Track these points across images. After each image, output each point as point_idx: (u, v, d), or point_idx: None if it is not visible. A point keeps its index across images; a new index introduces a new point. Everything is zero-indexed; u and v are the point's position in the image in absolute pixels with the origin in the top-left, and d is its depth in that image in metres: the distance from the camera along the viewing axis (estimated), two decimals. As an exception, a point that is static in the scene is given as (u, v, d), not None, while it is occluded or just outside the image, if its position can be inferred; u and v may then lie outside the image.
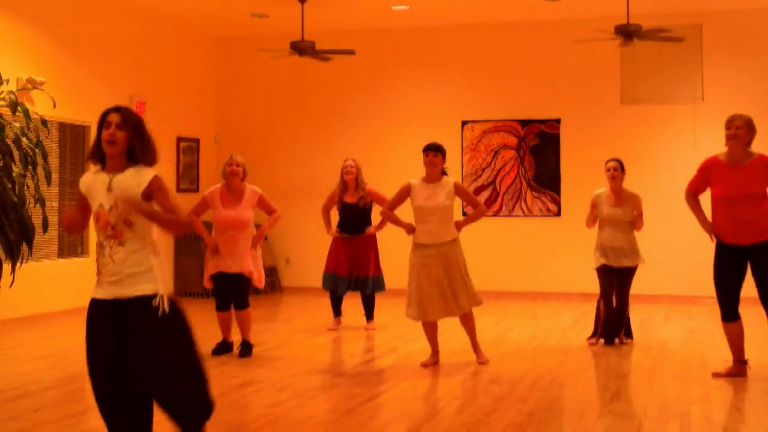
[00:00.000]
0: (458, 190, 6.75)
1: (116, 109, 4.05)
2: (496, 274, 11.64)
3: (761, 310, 6.17)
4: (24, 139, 6.51)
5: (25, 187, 6.45)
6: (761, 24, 11.05)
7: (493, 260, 11.68)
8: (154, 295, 3.92)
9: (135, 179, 3.96)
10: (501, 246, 11.74)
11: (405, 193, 6.82)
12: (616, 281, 7.70)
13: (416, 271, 6.66)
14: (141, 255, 3.97)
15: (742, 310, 6.42)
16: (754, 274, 6.19)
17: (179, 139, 12.04)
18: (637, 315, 9.36)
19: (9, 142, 6.42)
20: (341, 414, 5.32)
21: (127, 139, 3.98)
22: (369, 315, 8.78)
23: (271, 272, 12.44)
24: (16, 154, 6.47)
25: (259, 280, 7.31)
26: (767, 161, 6.06)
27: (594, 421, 5.09)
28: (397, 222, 6.91)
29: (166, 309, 3.92)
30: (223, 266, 7.19)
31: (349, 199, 8.63)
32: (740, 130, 6.05)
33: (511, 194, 11.80)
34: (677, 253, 10.97)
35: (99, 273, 4.00)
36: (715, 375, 6.33)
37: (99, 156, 4.05)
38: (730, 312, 6.25)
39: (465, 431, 4.87)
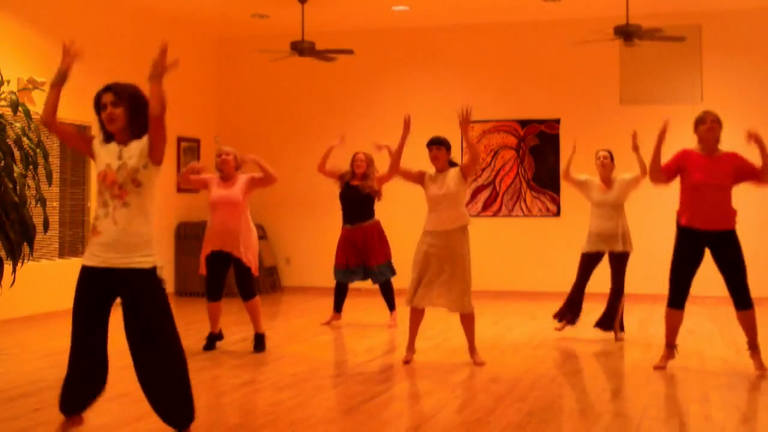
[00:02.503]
0: (463, 169, 6.80)
1: (107, 88, 4.16)
2: (495, 273, 11.66)
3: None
4: (25, 139, 6.52)
5: (26, 187, 6.47)
6: (761, 24, 11.06)
7: (493, 260, 11.70)
8: (154, 269, 4.03)
9: (140, 143, 4.14)
10: (500, 246, 11.76)
11: (419, 175, 6.88)
12: (611, 267, 7.87)
13: (420, 259, 6.71)
14: (142, 222, 4.06)
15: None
16: (718, 263, 6.37)
17: (179, 139, 12.05)
18: (636, 314, 9.38)
19: (10, 142, 6.43)
20: (341, 413, 5.33)
21: (125, 112, 4.08)
22: (390, 305, 8.78)
23: (272, 272, 12.46)
24: (17, 154, 6.49)
25: (253, 266, 7.25)
26: (738, 156, 6.40)
27: (593, 420, 5.10)
28: (400, 146, 6.90)
29: (164, 280, 4.08)
30: (215, 245, 7.19)
31: (355, 182, 8.68)
32: (715, 123, 6.41)
33: (511, 194, 11.81)
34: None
35: (96, 233, 4.05)
36: (657, 367, 6.46)
37: (106, 135, 4.16)
38: (679, 300, 6.42)
39: (465, 430, 4.88)
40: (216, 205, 7.24)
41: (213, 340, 7.42)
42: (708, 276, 11.16)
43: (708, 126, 6.39)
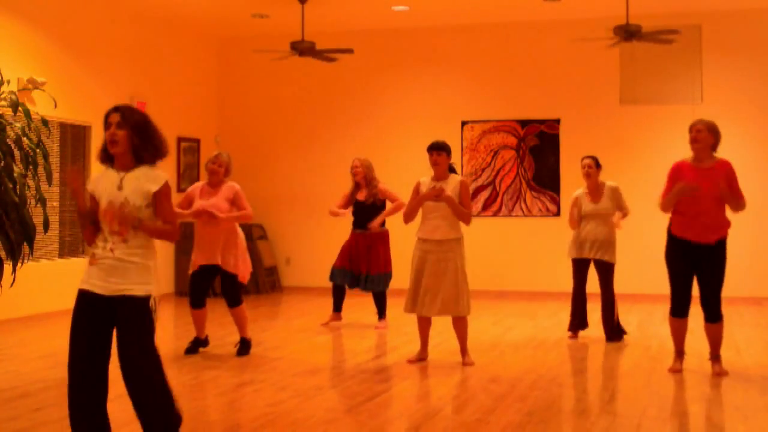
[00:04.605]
0: (461, 188, 6.71)
1: (116, 109, 4.12)
2: (495, 273, 11.66)
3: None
4: (25, 139, 6.52)
5: (26, 187, 6.46)
6: (761, 24, 11.06)
7: (493, 260, 11.70)
8: (148, 297, 4.03)
9: (148, 180, 4.06)
10: (501, 246, 11.76)
11: (417, 191, 6.80)
12: (598, 277, 7.89)
13: (416, 265, 6.69)
14: (140, 253, 4.05)
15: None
16: (699, 273, 6.27)
17: (180, 139, 12.05)
18: (636, 314, 9.38)
19: (10, 142, 6.43)
20: (341, 413, 5.33)
21: (128, 137, 4.04)
22: (381, 313, 8.79)
23: (272, 272, 12.46)
24: (17, 154, 6.48)
25: (243, 275, 7.19)
26: (729, 166, 6.25)
27: (593, 420, 5.10)
28: (419, 202, 6.67)
29: (157, 313, 4.07)
30: (201, 260, 7.14)
31: (360, 197, 8.71)
32: (701, 133, 6.24)
33: (511, 194, 11.81)
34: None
35: (94, 259, 4.05)
36: (673, 371, 6.41)
37: (107, 156, 4.13)
38: (680, 309, 6.35)
39: (464, 431, 4.88)
40: (196, 216, 7.12)
41: (197, 344, 7.33)
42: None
43: (693, 136, 6.27)
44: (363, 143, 12.22)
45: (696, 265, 6.25)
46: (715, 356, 6.39)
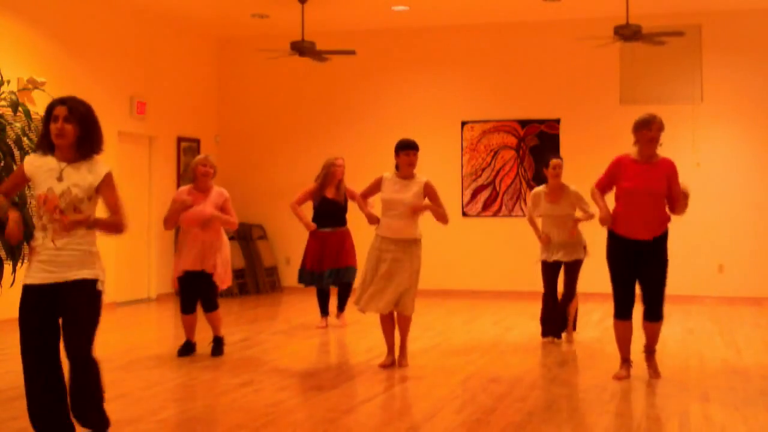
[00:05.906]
0: (427, 190, 6.60)
1: (62, 102, 4.11)
2: (496, 273, 11.67)
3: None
4: (25, 139, 6.51)
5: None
6: (761, 24, 11.07)
7: (493, 260, 11.70)
8: (95, 281, 4.07)
9: (90, 173, 4.09)
10: (501, 246, 11.75)
11: (377, 184, 6.72)
12: (564, 276, 7.72)
13: (372, 262, 6.57)
14: (82, 241, 4.08)
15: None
16: (640, 272, 6.15)
17: (179, 139, 12.05)
18: (636, 314, 9.37)
19: (10, 142, 6.42)
20: (341, 414, 5.33)
21: (75, 130, 4.05)
22: (342, 306, 8.89)
23: (272, 272, 12.46)
24: (17, 154, 6.47)
25: (222, 280, 7.13)
26: (671, 165, 6.18)
27: (593, 420, 5.10)
28: (362, 207, 6.83)
29: (104, 295, 4.12)
30: (187, 265, 7.10)
31: (331, 195, 8.71)
32: (660, 132, 6.17)
33: (511, 194, 11.82)
34: (675, 253, 10.94)
35: (35, 253, 4.11)
36: (617, 377, 6.26)
37: (47, 146, 4.12)
38: (623, 310, 6.23)
39: (465, 431, 4.88)
40: (187, 225, 7.08)
41: (189, 348, 7.24)
42: (708, 276, 11.14)
43: (653, 135, 6.14)
44: (363, 143, 12.22)
45: (637, 263, 6.12)
46: (650, 350, 6.30)
